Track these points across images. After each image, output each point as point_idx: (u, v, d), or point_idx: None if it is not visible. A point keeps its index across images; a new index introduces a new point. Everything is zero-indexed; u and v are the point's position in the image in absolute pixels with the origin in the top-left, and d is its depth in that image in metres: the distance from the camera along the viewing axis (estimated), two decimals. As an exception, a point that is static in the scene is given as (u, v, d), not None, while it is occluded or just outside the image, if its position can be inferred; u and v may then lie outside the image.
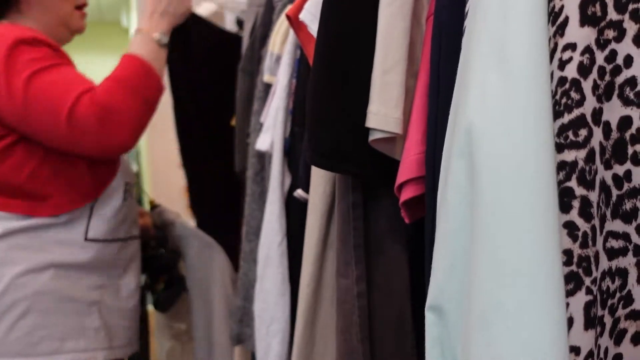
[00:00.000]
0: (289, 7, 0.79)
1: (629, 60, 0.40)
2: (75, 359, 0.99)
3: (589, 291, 0.41)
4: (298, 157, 0.94)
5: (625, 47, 0.40)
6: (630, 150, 0.41)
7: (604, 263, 0.43)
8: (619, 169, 0.41)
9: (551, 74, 0.42)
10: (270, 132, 0.99)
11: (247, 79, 1.24)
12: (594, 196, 0.42)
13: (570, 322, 0.41)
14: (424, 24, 0.64)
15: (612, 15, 0.41)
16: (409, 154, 0.59)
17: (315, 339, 0.84)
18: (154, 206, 1.41)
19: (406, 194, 0.60)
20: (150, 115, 1.03)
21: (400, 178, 0.59)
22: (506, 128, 0.41)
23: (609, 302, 0.43)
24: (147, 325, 1.37)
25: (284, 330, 0.99)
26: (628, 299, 0.43)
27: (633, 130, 0.41)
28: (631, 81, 0.40)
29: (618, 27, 0.40)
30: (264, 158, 1.09)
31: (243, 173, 1.25)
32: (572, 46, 0.41)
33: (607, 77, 0.41)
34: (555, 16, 0.42)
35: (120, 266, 1.09)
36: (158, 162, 3.71)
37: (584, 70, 0.41)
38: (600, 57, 0.41)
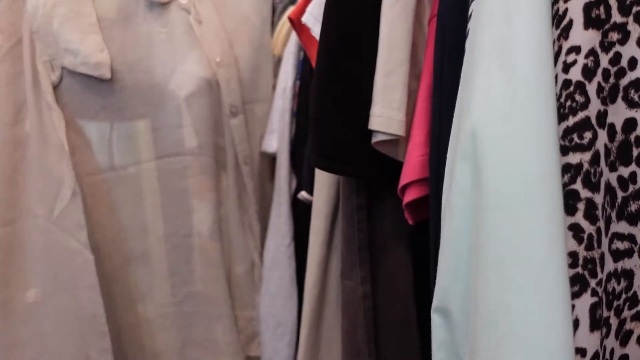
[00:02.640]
0: (290, 9, 0.79)
1: (633, 63, 0.40)
2: None
3: (594, 293, 0.41)
4: (302, 159, 0.94)
5: (629, 50, 0.40)
6: (635, 152, 0.41)
7: (610, 265, 0.43)
8: (624, 171, 0.42)
9: (555, 76, 0.42)
10: (275, 134, 0.98)
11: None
12: (599, 198, 0.42)
13: (576, 323, 0.41)
14: (427, 26, 0.64)
15: (616, 17, 0.41)
16: (412, 155, 0.59)
17: (320, 341, 0.84)
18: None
19: (410, 196, 0.60)
20: None
21: (404, 180, 0.60)
22: (510, 131, 0.41)
23: (615, 303, 0.43)
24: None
25: (292, 332, 0.98)
26: (634, 300, 0.43)
27: (638, 132, 0.41)
28: (635, 83, 0.40)
29: (622, 29, 0.41)
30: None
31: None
32: (576, 49, 0.41)
33: (612, 80, 0.41)
34: (559, 19, 0.42)
35: None
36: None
37: (588, 72, 0.41)
38: (604, 59, 0.41)
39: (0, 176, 0.83)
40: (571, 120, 0.42)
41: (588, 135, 0.41)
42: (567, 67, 0.42)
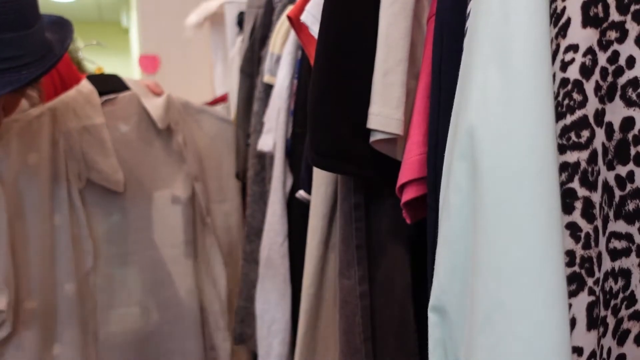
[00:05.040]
0: (290, 8, 0.79)
1: (631, 61, 0.40)
2: None
3: (591, 292, 0.41)
4: (299, 158, 0.94)
5: (627, 48, 0.40)
6: (632, 151, 0.41)
7: (607, 264, 0.43)
8: (622, 170, 0.42)
9: (553, 75, 0.42)
10: (272, 133, 0.99)
11: (246, 80, 1.24)
12: (596, 197, 0.42)
13: (573, 322, 0.41)
14: (425, 25, 0.64)
15: (615, 16, 0.41)
16: (410, 154, 0.59)
17: (317, 339, 0.84)
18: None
19: (408, 195, 0.60)
20: None
21: (402, 179, 0.59)
22: (508, 129, 0.41)
23: (612, 302, 0.43)
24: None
25: (285, 330, 0.99)
26: (631, 300, 0.43)
27: (635, 131, 0.41)
28: (633, 82, 0.40)
29: (620, 28, 0.40)
30: (264, 159, 1.09)
31: (243, 174, 1.25)
32: (574, 47, 0.41)
33: (610, 78, 0.41)
34: (557, 17, 0.42)
35: None
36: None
37: (586, 71, 0.41)
38: (602, 58, 0.41)
39: (40, 260, 1.07)
40: (569, 119, 0.41)
41: (585, 133, 0.41)
42: (564, 66, 0.42)
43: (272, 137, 0.99)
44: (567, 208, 0.41)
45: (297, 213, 0.95)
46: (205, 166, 1.31)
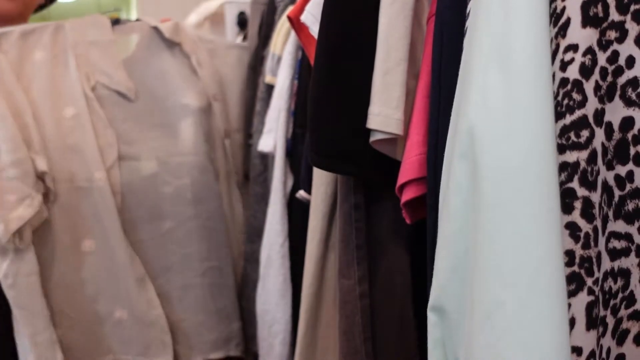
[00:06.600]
0: (290, 8, 0.79)
1: (631, 61, 0.40)
2: None
3: (590, 292, 0.41)
4: (300, 158, 0.94)
5: (627, 48, 0.40)
6: (632, 151, 0.41)
7: (606, 264, 0.43)
8: (621, 170, 0.42)
9: (553, 75, 0.42)
10: (272, 134, 0.99)
11: (256, 79, 1.24)
12: (596, 197, 0.42)
13: (572, 322, 0.41)
14: (425, 25, 0.64)
15: (614, 16, 0.41)
16: (410, 154, 0.59)
17: (317, 340, 0.84)
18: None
19: (407, 195, 0.60)
20: None
21: (402, 179, 0.59)
22: (508, 129, 0.41)
23: (611, 302, 0.43)
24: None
25: (285, 330, 0.99)
26: (630, 300, 0.43)
27: (635, 131, 0.41)
28: (633, 82, 0.40)
29: (620, 28, 0.41)
30: (266, 159, 1.09)
31: (246, 174, 1.25)
32: (573, 47, 0.41)
33: (609, 78, 0.41)
34: (557, 17, 0.42)
35: None
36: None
37: (585, 71, 0.41)
38: (602, 58, 0.41)
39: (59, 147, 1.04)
40: (568, 119, 0.41)
41: (585, 133, 0.41)
42: (564, 66, 0.42)
43: (272, 138, 0.99)
44: (566, 208, 0.41)
45: (297, 213, 0.95)
46: (226, 93, 1.27)
